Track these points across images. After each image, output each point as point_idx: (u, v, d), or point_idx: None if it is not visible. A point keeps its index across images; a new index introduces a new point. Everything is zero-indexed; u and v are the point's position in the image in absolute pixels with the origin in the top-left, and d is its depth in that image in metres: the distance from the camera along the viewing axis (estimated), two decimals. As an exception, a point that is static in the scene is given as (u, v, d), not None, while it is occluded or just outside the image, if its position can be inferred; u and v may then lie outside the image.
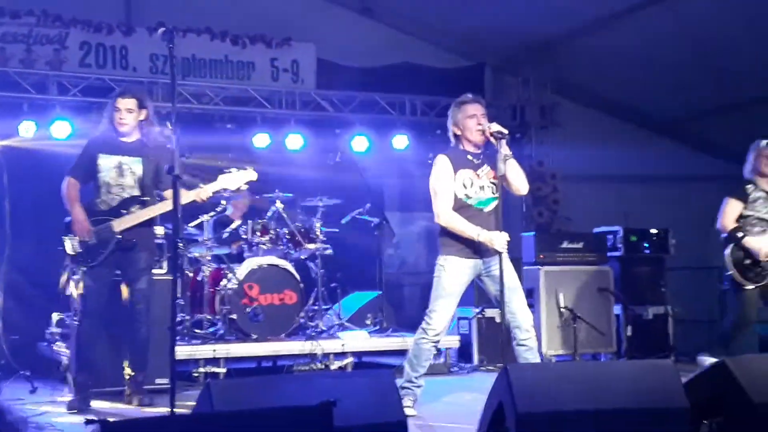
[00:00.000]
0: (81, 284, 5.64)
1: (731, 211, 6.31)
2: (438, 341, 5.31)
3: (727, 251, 6.30)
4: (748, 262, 6.24)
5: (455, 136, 5.33)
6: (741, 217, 6.29)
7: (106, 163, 5.65)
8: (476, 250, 5.16)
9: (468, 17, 9.44)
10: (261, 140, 9.13)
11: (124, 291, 5.74)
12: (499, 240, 4.99)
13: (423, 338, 5.23)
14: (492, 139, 5.08)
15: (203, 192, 5.69)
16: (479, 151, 5.28)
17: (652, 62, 9.25)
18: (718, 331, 6.32)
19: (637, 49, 9.10)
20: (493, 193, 5.16)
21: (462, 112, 5.26)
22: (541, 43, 9.67)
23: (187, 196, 5.57)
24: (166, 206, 5.55)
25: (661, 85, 9.74)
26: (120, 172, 5.64)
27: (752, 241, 6.22)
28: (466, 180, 5.19)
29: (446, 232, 5.23)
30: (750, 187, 6.34)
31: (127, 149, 5.70)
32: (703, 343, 6.65)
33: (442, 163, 5.22)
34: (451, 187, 5.18)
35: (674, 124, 10.67)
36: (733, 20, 8.12)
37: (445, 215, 5.17)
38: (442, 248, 5.25)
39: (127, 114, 5.63)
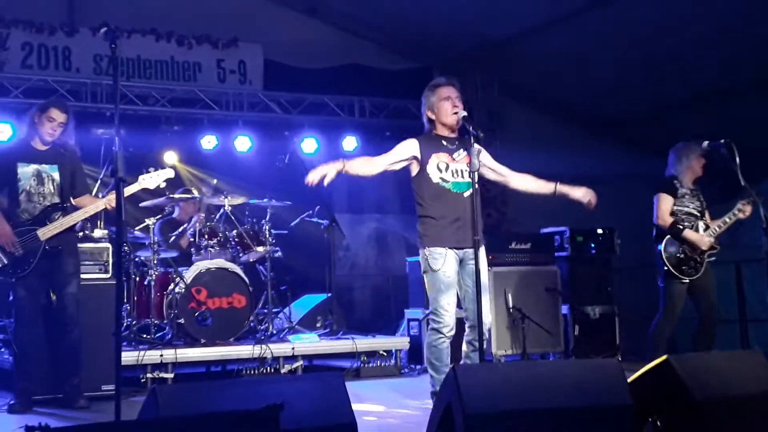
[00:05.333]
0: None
1: (665, 205, 6.26)
2: (452, 335, 4.99)
3: (661, 246, 6.27)
4: (681, 256, 6.25)
5: (429, 120, 5.21)
6: (671, 213, 6.27)
7: (25, 172, 5.67)
8: (453, 239, 4.98)
9: (416, 19, 9.47)
10: (208, 142, 9.07)
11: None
12: None
13: (439, 338, 4.96)
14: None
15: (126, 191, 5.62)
16: (454, 136, 5.17)
17: (596, 64, 9.38)
18: (649, 332, 6.33)
19: (581, 51, 9.22)
20: (470, 177, 4.87)
21: (436, 95, 5.16)
22: (489, 45, 9.73)
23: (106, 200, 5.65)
24: (89, 212, 5.67)
25: (606, 86, 9.87)
26: (39, 180, 5.69)
27: (692, 234, 6.23)
28: (440, 163, 5.05)
29: (423, 224, 5.06)
30: (677, 182, 6.33)
31: (43, 157, 5.74)
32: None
33: (408, 140, 5.14)
34: (395, 156, 5.11)
35: (618, 125, 10.81)
36: (672, 23, 8.27)
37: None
38: (422, 239, 5.04)
39: (59, 127, 5.68)
